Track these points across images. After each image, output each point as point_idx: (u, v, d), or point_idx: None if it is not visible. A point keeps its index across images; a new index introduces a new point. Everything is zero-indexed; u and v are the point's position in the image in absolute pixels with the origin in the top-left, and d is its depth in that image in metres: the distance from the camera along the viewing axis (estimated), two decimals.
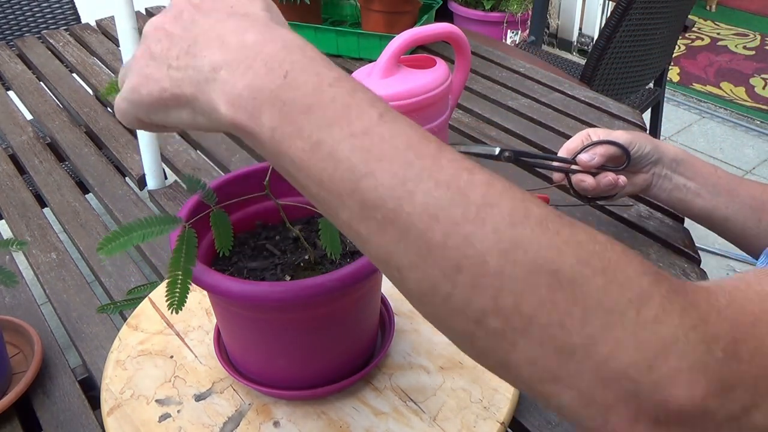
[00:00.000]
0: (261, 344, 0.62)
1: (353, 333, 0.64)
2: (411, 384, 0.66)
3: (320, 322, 0.59)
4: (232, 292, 0.54)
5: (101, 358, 0.78)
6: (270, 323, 0.60)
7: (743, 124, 2.83)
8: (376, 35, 1.42)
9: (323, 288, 0.53)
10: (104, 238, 0.48)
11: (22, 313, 0.85)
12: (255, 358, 0.64)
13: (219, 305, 0.61)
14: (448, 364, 0.68)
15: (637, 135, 0.83)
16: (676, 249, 0.91)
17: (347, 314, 0.61)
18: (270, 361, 0.63)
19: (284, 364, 0.63)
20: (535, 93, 1.32)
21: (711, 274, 2.05)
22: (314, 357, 0.63)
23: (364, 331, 0.65)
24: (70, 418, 0.72)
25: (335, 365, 0.64)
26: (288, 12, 1.47)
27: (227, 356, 0.68)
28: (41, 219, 1.03)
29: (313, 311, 0.58)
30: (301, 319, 0.59)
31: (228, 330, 0.65)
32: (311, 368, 0.63)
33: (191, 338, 0.73)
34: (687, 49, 3.39)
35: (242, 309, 0.59)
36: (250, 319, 0.60)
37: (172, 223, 0.51)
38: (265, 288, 0.55)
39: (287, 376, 0.64)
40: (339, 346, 0.63)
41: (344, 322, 0.62)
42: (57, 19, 1.90)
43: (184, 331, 0.74)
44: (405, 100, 0.93)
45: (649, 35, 1.82)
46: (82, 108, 1.33)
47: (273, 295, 0.54)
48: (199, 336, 0.73)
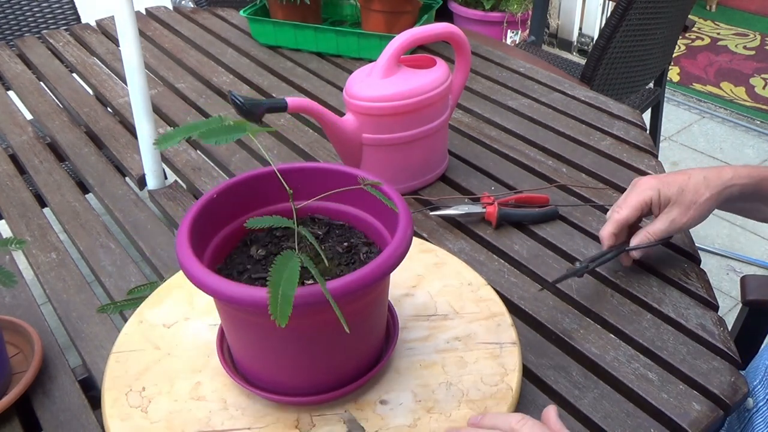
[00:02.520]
0: (262, 349, 0.62)
1: (365, 338, 0.64)
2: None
3: (332, 326, 0.59)
4: (240, 299, 0.54)
5: (101, 358, 0.78)
6: (276, 329, 0.59)
7: (743, 124, 2.82)
8: (376, 35, 1.42)
9: (350, 287, 0.53)
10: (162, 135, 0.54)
11: (22, 313, 0.85)
12: (259, 364, 0.64)
13: (224, 309, 0.61)
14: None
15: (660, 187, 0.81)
16: (676, 249, 0.91)
17: (362, 317, 0.61)
18: (273, 367, 0.63)
19: (289, 370, 0.63)
20: (535, 93, 1.32)
21: (711, 274, 2.05)
22: (322, 363, 0.62)
23: (374, 336, 0.65)
24: (70, 418, 0.72)
25: (346, 368, 0.64)
26: (288, 12, 1.47)
27: (231, 362, 0.67)
28: (41, 219, 1.03)
29: (325, 315, 0.58)
30: (311, 325, 0.58)
31: (234, 335, 0.64)
32: (320, 373, 0.63)
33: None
34: (687, 49, 3.39)
35: (251, 316, 0.58)
36: (258, 325, 0.59)
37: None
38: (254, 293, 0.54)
39: (272, 378, 0.63)
40: (351, 350, 0.63)
41: (340, 336, 0.61)
42: (57, 19, 1.90)
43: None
44: (405, 100, 0.94)
45: (649, 35, 1.82)
46: (82, 108, 1.33)
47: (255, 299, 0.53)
48: None
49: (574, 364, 0.75)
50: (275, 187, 0.66)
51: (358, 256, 0.65)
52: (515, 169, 1.08)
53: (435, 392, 0.65)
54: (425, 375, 0.67)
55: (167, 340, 0.71)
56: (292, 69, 1.45)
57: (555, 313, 0.81)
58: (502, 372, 0.67)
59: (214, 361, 0.68)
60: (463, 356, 0.69)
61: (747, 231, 2.22)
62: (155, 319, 0.74)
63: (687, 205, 0.80)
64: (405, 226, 0.59)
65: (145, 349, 0.71)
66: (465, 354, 0.69)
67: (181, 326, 0.73)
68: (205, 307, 0.75)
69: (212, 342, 0.70)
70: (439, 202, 1.01)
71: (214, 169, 1.14)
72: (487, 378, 0.67)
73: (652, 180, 0.82)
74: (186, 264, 0.57)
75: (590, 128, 1.19)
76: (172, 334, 0.72)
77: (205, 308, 0.75)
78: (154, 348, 0.71)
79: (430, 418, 0.63)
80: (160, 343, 0.71)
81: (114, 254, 0.95)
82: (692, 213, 0.80)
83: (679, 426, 0.68)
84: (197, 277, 0.55)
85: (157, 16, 1.74)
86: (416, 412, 0.64)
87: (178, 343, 0.71)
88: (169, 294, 0.77)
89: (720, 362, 0.75)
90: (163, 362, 0.69)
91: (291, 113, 1.28)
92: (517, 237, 0.94)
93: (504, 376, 0.67)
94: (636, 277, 0.86)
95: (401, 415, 0.63)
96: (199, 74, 1.44)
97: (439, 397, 0.65)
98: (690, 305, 0.82)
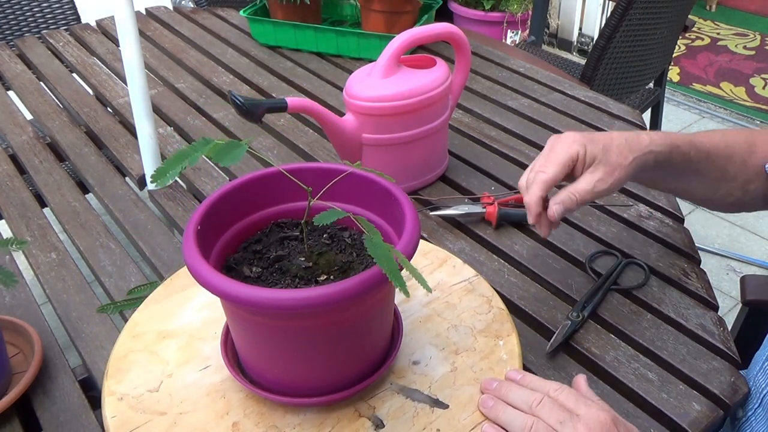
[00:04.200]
0: (267, 350, 0.61)
1: (369, 339, 0.63)
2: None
3: (339, 327, 0.59)
4: (249, 300, 0.53)
5: (101, 358, 0.78)
6: (286, 330, 0.58)
7: (743, 124, 2.82)
8: (376, 35, 1.42)
9: (348, 293, 0.53)
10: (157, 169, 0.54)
11: (22, 313, 0.85)
12: (280, 369, 0.62)
13: (230, 310, 0.61)
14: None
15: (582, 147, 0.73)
16: (676, 249, 0.91)
17: (366, 318, 0.61)
18: (279, 367, 0.62)
19: (293, 371, 0.62)
20: (535, 93, 1.32)
21: (711, 274, 2.05)
22: (329, 364, 0.61)
23: (379, 337, 0.65)
24: (70, 418, 0.72)
25: (369, 359, 0.63)
26: (288, 12, 1.47)
27: (237, 362, 0.66)
28: (41, 219, 1.03)
29: (333, 317, 0.57)
30: (319, 325, 0.58)
31: (251, 346, 0.62)
32: (323, 375, 0.62)
33: None
34: (687, 49, 3.39)
35: (259, 317, 0.57)
36: (265, 326, 0.58)
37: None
38: (289, 295, 0.53)
39: (315, 382, 0.62)
40: (374, 338, 0.63)
41: (363, 327, 0.61)
42: (57, 19, 1.90)
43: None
44: (405, 100, 0.94)
45: (649, 35, 1.82)
46: (82, 108, 1.33)
47: (299, 302, 0.52)
48: None
49: (574, 364, 0.75)
50: (277, 188, 0.66)
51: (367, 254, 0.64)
52: (515, 169, 1.08)
53: (449, 336, 0.69)
54: (430, 327, 0.70)
55: (165, 402, 0.63)
56: (292, 69, 1.45)
57: (555, 313, 0.81)
58: (486, 300, 0.73)
59: (233, 398, 0.64)
60: (448, 300, 0.73)
61: (747, 231, 2.22)
62: (134, 390, 0.64)
63: (612, 167, 0.72)
64: (411, 228, 0.59)
65: (149, 420, 0.61)
66: (447, 298, 0.73)
67: (170, 384, 0.65)
68: (180, 358, 0.68)
69: (216, 383, 0.65)
70: (439, 202, 1.01)
71: (214, 169, 1.14)
72: (478, 309, 0.72)
73: (575, 134, 0.74)
74: (209, 278, 0.54)
75: (590, 128, 1.20)
76: (167, 395, 0.64)
77: (180, 358, 0.67)
78: (159, 415, 0.62)
79: (463, 357, 0.67)
80: (159, 408, 0.63)
81: (114, 254, 0.95)
82: (617, 175, 0.72)
83: (679, 426, 0.68)
84: (228, 289, 0.53)
85: (157, 16, 1.74)
86: (448, 357, 0.67)
87: (181, 399, 0.63)
88: (129, 362, 0.67)
89: (720, 362, 0.75)
90: (180, 424, 0.61)
91: (291, 113, 1.28)
92: (517, 237, 0.94)
93: (489, 302, 0.72)
94: (636, 276, 0.86)
95: (438, 365, 0.66)
96: (199, 74, 1.44)
97: (456, 339, 0.69)
98: (690, 305, 0.82)
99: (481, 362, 0.66)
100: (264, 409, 0.63)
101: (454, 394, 0.63)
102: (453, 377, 0.65)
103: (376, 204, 0.66)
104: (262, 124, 1.25)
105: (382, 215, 0.66)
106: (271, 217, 0.68)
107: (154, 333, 0.70)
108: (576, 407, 0.58)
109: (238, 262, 0.64)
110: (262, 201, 0.68)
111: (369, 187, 0.65)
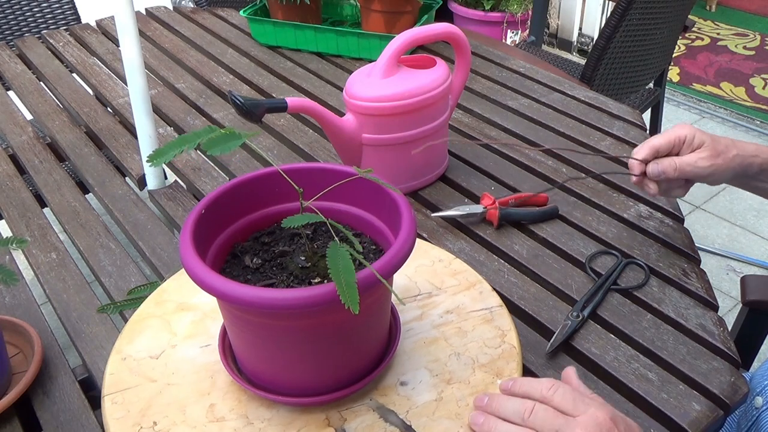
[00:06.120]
0: (250, 341, 0.61)
1: (351, 349, 0.63)
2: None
3: (334, 327, 0.59)
4: (247, 300, 0.53)
5: (101, 358, 0.78)
6: (284, 330, 0.58)
7: (743, 124, 2.82)
8: (376, 35, 1.42)
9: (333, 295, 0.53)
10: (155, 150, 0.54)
11: (22, 313, 0.85)
12: (262, 365, 0.63)
13: (227, 310, 0.61)
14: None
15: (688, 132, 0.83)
16: (676, 249, 0.91)
17: (348, 329, 0.61)
18: (292, 369, 0.62)
19: (271, 367, 0.62)
20: (535, 93, 1.32)
21: (711, 274, 2.05)
22: (342, 358, 0.62)
23: (385, 324, 0.65)
24: (70, 418, 0.72)
25: (351, 369, 0.63)
26: (288, 12, 1.47)
27: (234, 362, 0.66)
28: (41, 219, 1.03)
29: (326, 317, 0.57)
30: (317, 325, 0.58)
31: (237, 336, 0.63)
32: (300, 377, 0.62)
33: None
34: (687, 49, 3.39)
35: (255, 317, 0.57)
36: (262, 326, 0.58)
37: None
38: (287, 294, 0.53)
39: (293, 382, 0.63)
40: (369, 341, 0.63)
41: (344, 336, 0.61)
42: (57, 19, 1.90)
43: None
44: (405, 100, 0.94)
45: (649, 35, 1.82)
46: (82, 108, 1.33)
47: (296, 301, 0.52)
48: None
49: (574, 364, 0.75)
50: (276, 188, 0.66)
51: (363, 254, 0.64)
52: (515, 169, 1.08)
53: (447, 364, 0.67)
54: (432, 351, 0.69)
55: (159, 370, 0.66)
56: (292, 69, 1.45)
57: (555, 313, 0.81)
58: (500, 333, 0.70)
59: (219, 380, 0.65)
60: (460, 326, 0.71)
61: (747, 231, 2.22)
62: (138, 353, 0.68)
63: (718, 152, 0.81)
64: (407, 229, 0.59)
65: (139, 384, 0.65)
66: (461, 324, 0.71)
67: (170, 354, 0.68)
68: (188, 331, 0.70)
69: (210, 363, 0.67)
70: (440, 202, 1.01)
71: (214, 169, 1.14)
72: (489, 341, 0.69)
73: (689, 125, 0.83)
74: (204, 277, 0.55)
75: (590, 128, 1.20)
76: (163, 364, 0.67)
77: (188, 332, 0.70)
78: (149, 381, 0.65)
79: (453, 388, 0.64)
80: (152, 375, 0.66)
81: (114, 254, 0.95)
82: (719, 161, 0.80)
83: (679, 426, 0.68)
84: (219, 287, 0.54)
85: (157, 16, 1.74)
86: (437, 385, 0.65)
87: (173, 371, 0.66)
88: (144, 325, 0.71)
89: (720, 362, 0.75)
90: (165, 393, 0.64)
91: (291, 113, 1.28)
92: (517, 237, 0.94)
93: (503, 337, 0.69)
94: (636, 276, 0.86)
95: (424, 391, 0.64)
96: (199, 74, 1.44)
97: (453, 368, 0.66)
98: (690, 305, 0.82)
99: (469, 397, 0.63)
100: (243, 398, 0.64)
101: (429, 424, 0.61)
102: (435, 407, 0.63)
103: (383, 211, 0.66)
104: (262, 124, 1.25)
105: (384, 221, 0.66)
106: (288, 213, 0.68)
107: (174, 303, 0.73)
108: (573, 408, 0.57)
109: (244, 251, 0.65)
110: (257, 202, 0.68)
111: (375, 193, 0.65)
